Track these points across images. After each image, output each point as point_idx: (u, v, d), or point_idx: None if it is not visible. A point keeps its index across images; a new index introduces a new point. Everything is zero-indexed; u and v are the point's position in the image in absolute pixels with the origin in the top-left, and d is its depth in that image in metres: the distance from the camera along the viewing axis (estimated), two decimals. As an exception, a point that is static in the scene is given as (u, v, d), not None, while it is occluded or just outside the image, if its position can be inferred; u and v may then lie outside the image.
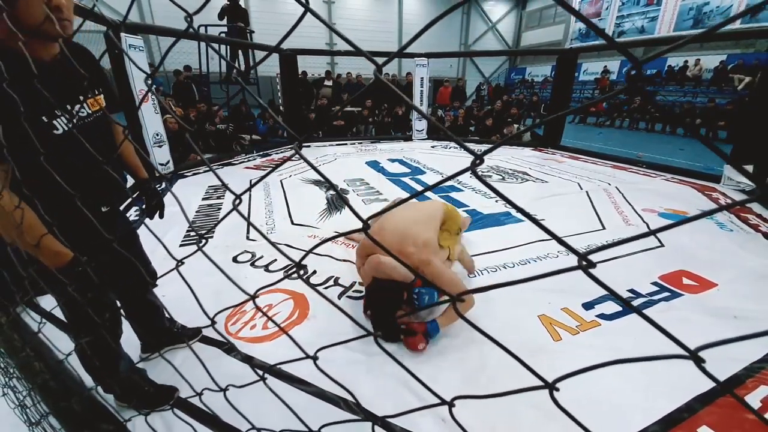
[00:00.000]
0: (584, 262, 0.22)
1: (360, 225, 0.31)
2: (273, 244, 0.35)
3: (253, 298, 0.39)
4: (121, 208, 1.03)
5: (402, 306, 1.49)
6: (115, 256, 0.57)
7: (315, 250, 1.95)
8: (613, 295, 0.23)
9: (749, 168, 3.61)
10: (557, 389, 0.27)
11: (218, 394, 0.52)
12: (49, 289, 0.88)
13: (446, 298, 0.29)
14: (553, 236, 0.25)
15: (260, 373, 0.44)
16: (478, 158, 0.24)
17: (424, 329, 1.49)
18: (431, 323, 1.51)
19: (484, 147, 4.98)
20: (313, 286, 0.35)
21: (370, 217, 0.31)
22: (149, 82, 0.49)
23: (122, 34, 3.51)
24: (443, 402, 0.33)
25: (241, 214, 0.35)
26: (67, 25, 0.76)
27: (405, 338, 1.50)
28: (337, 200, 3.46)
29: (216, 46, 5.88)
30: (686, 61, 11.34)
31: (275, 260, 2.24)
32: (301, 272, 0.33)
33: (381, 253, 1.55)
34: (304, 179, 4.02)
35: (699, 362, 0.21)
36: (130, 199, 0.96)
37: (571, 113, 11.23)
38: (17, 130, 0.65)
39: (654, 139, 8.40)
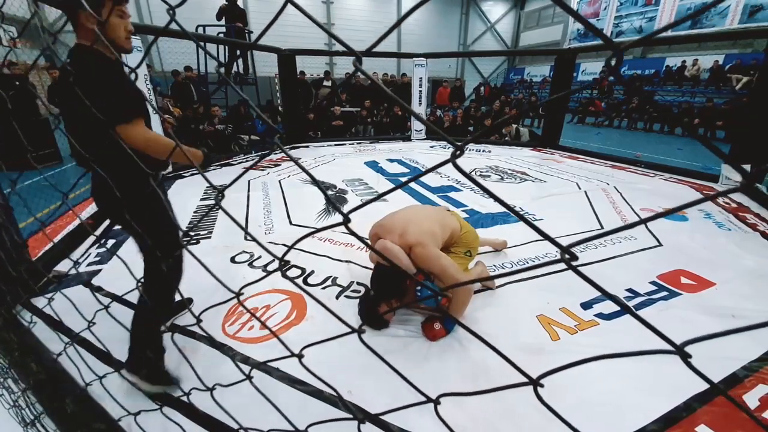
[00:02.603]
0: (567, 255, 0.22)
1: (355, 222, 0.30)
2: (252, 236, 0.35)
3: (237, 295, 0.38)
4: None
5: (397, 295, 1.51)
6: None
7: (313, 251, 1.95)
8: (599, 291, 0.23)
9: (746, 168, 3.61)
10: (541, 385, 0.26)
11: (217, 393, 0.52)
12: (135, 236, 1.22)
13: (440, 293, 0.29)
14: (535, 228, 0.24)
15: (246, 372, 0.43)
16: (458, 149, 0.23)
17: (441, 321, 1.54)
18: (446, 321, 1.54)
19: (483, 147, 4.96)
20: (291, 279, 0.35)
21: (350, 211, 0.30)
22: (148, 82, 0.49)
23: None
24: (429, 400, 0.32)
25: (224, 210, 0.34)
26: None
27: (423, 325, 1.58)
28: (337, 200, 3.45)
29: (207, 44, 5.88)
30: (684, 61, 11.36)
31: (273, 260, 2.23)
32: (284, 268, 0.32)
33: (391, 239, 1.60)
34: (302, 179, 4.02)
35: (685, 357, 0.20)
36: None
37: (569, 111, 11.22)
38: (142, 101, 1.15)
39: (652, 139, 8.41)
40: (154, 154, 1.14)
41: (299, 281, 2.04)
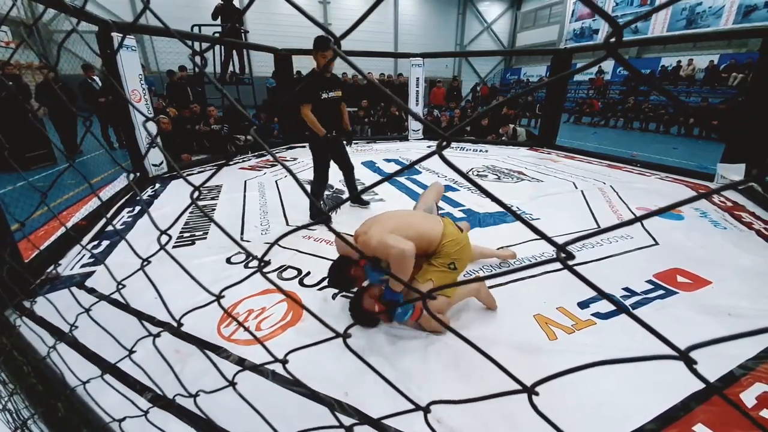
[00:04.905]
0: (563, 254, 0.20)
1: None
2: (225, 231, 0.33)
3: (218, 298, 0.37)
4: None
5: (345, 286, 1.65)
6: (336, 146, 2.81)
7: (310, 251, 1.92)
8: (595, 291, 0.21)
9: (741, 167, 3.63)
10: (536, 393, 0.25)
11: (217, 395, 0.50)
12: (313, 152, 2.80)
13: (416, 295, 0.28)
14: (529, 225, 0.23)
15: (229, 379, 0.42)
16: (445, 139, 0.22)
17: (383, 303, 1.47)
18: (398, 313, 1.48)
19: (480, 147, 4.94)
20: (271, 281, 0.33)
21: (330, 209, 0.29)
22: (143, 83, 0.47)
23: (114, 34, 3.47)
24: (418, 408, 0.31)
25: (200, 208, 0.33)
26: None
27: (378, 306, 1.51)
28: (334, 200, 3.43)
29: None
30: (679, 61, 11.43)
31: (269, 261, 2.21)
32: (263, 267, 0.31)
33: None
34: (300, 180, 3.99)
35: (690, 363, 0.19)
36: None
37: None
38: (315, 94, 2.55)
39: (648, 138, 8.45)
40: (311, 125, 2.58)
41: (295, 282, 2.02)
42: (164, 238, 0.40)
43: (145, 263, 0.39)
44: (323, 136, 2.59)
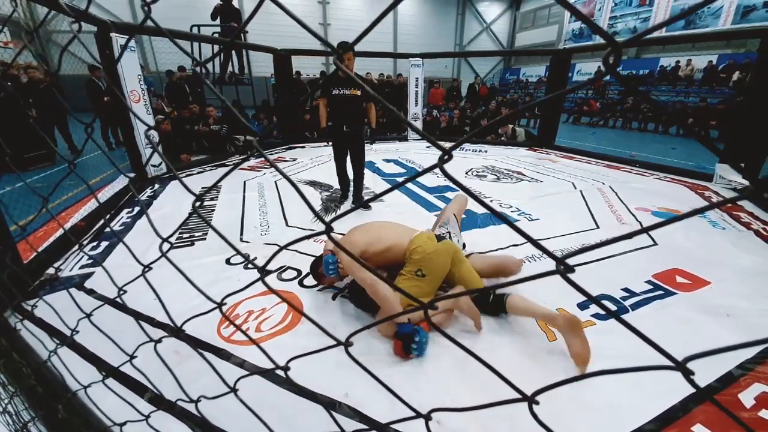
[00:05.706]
0: (562, 267, 0.21)
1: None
2: (224, 238, 0.34)
3: (219, 306, 0.37)
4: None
5: (315, 277, 1.88)
6: (351, 142, 3.05)
7: (309, 252, 1.92)
8: (591, 301, 0.22)
9: (740, 167, 3.64)
10: (537, 402, 0.25)
11: (218, 398, 0.51)
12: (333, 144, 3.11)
13: (414, 304, 0.28)
14: (529, 239, 0.23)
15: (230, 386, 0.42)
16: (446, 153, 0.22)
17: (401, 340, 1.45)
18: (421, 345, 1.44)
19: (479, 147, 4.94)
20: (273, 290, 0.34)
21: (332, 220, 0.29)
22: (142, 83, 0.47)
23: (113, 35, 3.47)
24: (419, 415, 0.31)
25: (201, 216, 0.33)
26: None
27: (394, 342, 1.49)
28: (332, 201, 3.44)
29: (203, 44, 5.83)
30: (678, 62, 11.46)
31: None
32: (265, 276, 0.31)
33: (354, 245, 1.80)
34: (299, 180, 3.99)
35: (687, 375, 0.19)
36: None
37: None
38: (327, 90, 2.88)
39: (647, 138, 8.47)
40: (320, 117, 3.05)
41: (294, 283, 2.02)
42: (165, 245, 0.40)
43: (147, 269, 0.39)
44: (324, 128, 3.09)
